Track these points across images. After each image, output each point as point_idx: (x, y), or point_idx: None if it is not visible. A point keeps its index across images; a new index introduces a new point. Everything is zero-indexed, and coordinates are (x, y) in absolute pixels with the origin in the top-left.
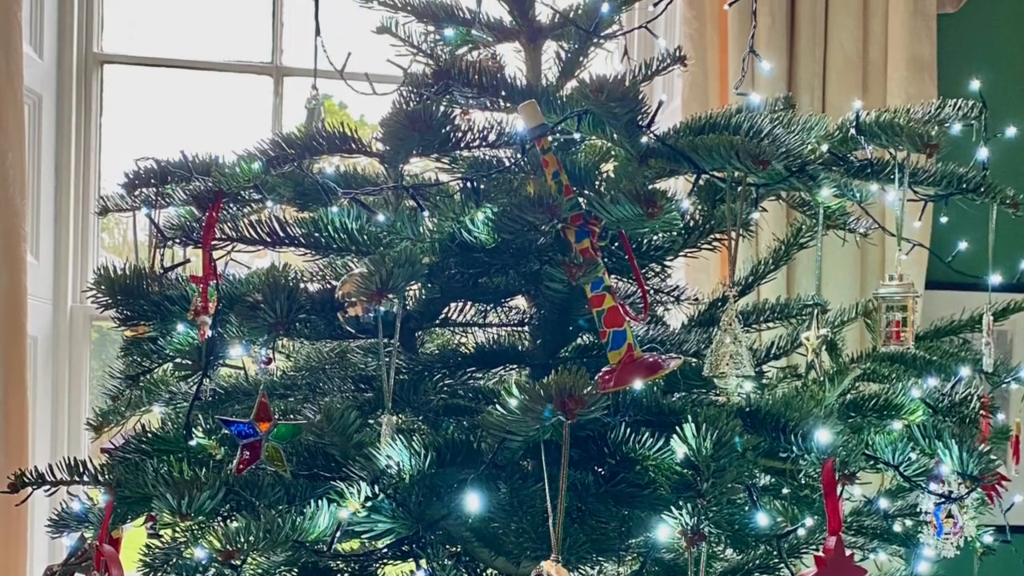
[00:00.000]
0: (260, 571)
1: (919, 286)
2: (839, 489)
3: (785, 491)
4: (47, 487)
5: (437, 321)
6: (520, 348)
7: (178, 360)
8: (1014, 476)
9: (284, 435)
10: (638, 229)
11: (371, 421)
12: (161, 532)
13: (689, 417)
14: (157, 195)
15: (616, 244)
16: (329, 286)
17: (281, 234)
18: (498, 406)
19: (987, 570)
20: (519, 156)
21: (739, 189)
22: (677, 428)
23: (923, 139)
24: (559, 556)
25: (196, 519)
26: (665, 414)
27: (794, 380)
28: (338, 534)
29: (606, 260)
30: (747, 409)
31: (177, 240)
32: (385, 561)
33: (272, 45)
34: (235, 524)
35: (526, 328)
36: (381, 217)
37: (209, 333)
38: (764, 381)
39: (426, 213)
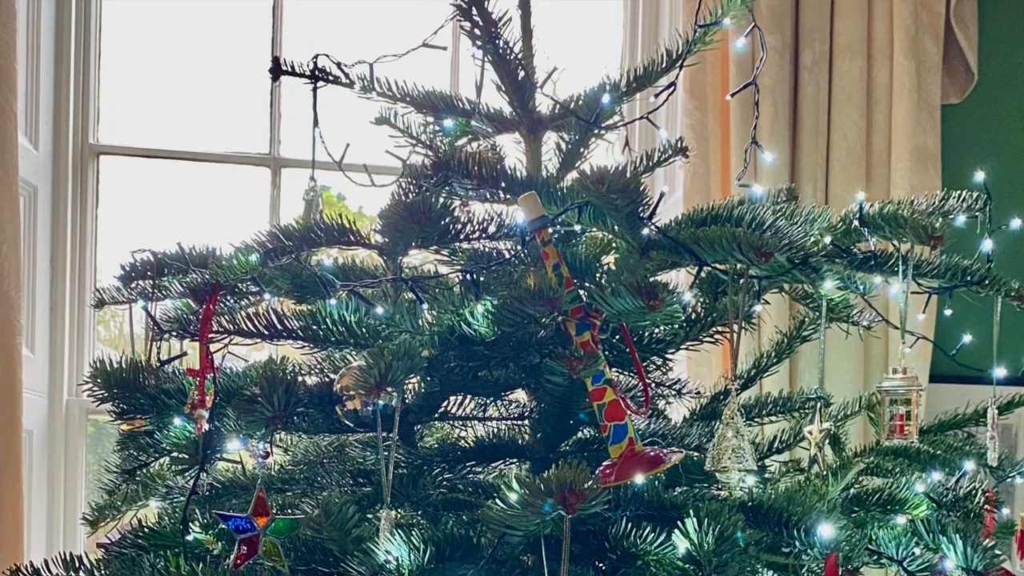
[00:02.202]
0: None
1: (923, 379)
2: None
3: None
4: None
5: (436, 415)
6: (520, 442)
7: (175, 454)
8: (1019, 571)
9: (282, 530)
10: (639, 322)
11: (370, 516)
12: None
13: (691, 511)
14: (154, 287)
15: (617, 337)
16: (327, 379)
17: (279, 327)
18: (498, 500)
19: None
20: (519, 248)
21: (741, 281)
22: (679, 522)
23: (927, 231)
24: None
25: None
26: (667, 508)
27: (797, 474)
28: None
29: (607, 353)
30: (749, 503)
31: (174, 333)
32: None
33: (270, 136)
34: None
35: (526, 422)
36: (380, 310)
37: (206, 427)
38: (767, 475)
39: (425, 306)
